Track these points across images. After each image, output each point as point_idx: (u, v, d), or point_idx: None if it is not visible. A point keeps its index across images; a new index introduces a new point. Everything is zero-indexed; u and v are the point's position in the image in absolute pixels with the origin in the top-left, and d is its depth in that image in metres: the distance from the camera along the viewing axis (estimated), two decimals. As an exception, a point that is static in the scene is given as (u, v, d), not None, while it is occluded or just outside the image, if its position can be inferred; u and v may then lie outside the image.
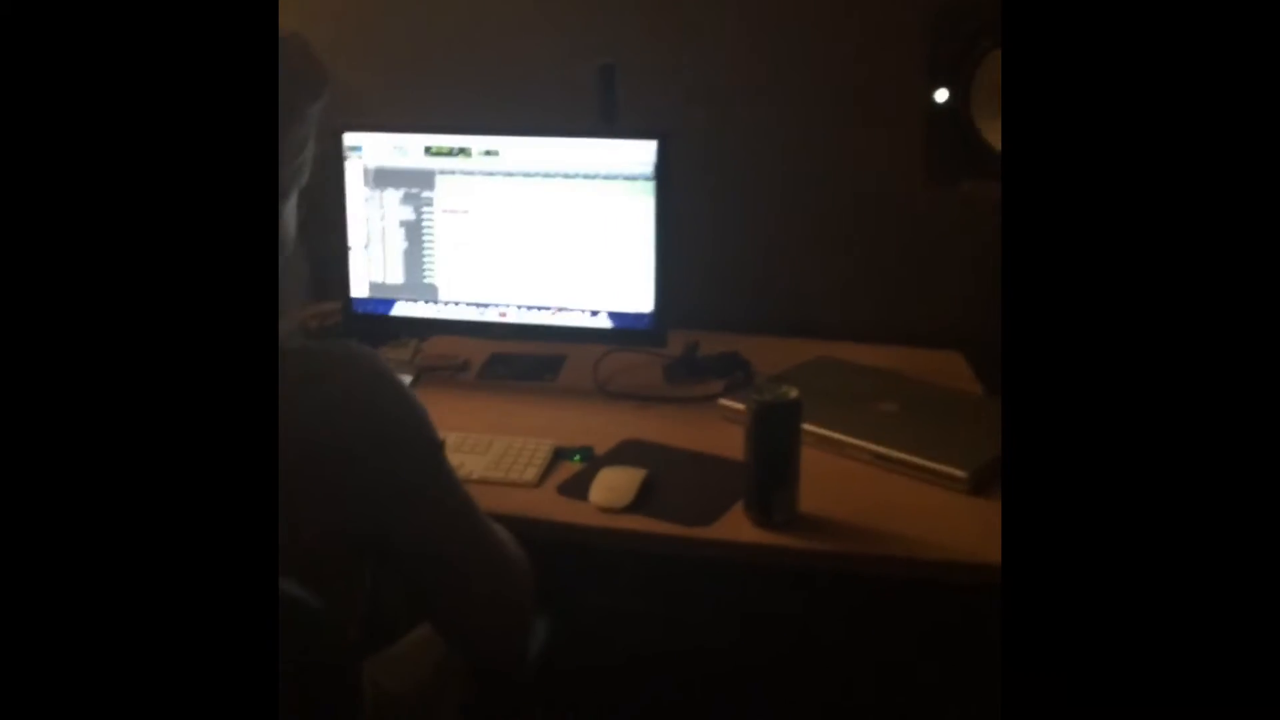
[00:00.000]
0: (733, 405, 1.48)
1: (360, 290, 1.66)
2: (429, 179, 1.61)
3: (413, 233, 1.63)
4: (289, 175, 0.94)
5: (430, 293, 1.65)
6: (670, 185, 1.55)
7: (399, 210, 1.63)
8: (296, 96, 0.92)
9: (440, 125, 1.61)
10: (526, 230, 1.61)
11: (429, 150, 1.60)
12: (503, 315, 1.65)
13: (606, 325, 1.62)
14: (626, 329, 1.61)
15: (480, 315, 1.65)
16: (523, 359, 1.71)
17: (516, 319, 1.64)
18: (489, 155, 1.59)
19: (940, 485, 1.30)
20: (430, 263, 1.64)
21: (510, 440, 1.41)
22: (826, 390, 1.48)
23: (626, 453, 1.40)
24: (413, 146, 1.61)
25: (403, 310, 1.66)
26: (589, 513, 1.27)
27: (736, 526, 1.24)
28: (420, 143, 1.60)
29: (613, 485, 1.29)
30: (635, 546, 1.26)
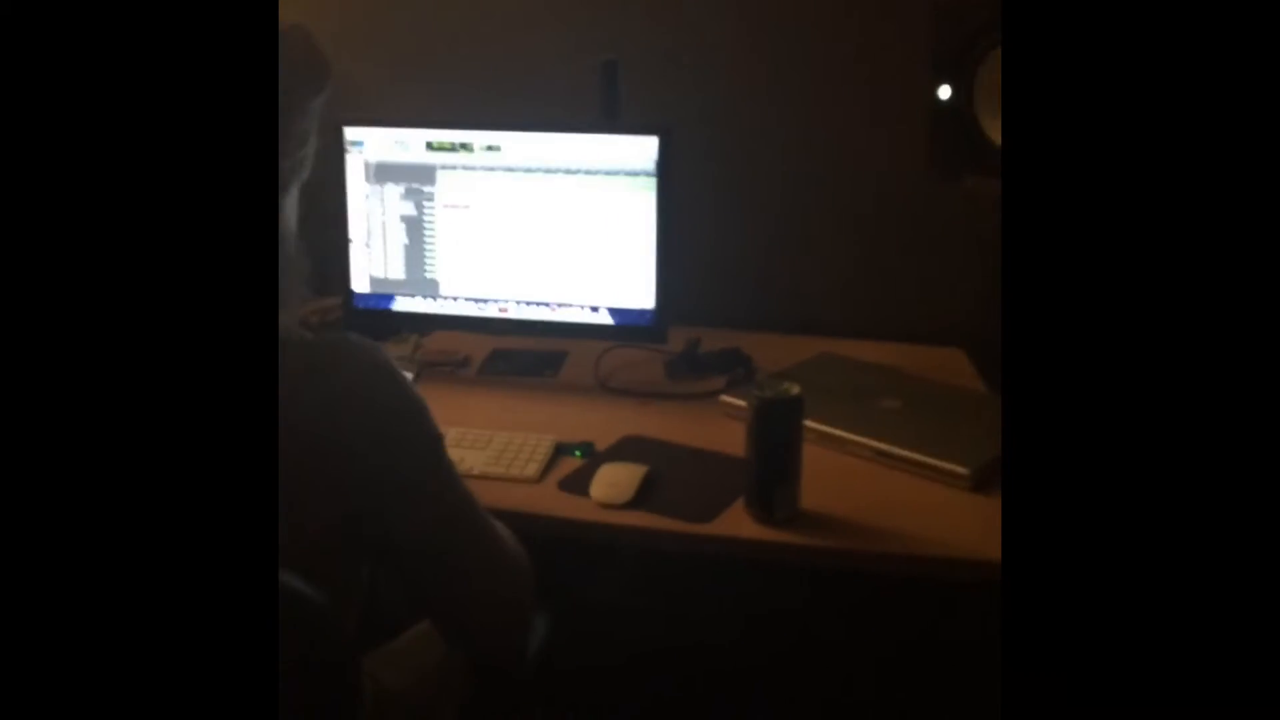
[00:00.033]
0: (734, 401, 1.48)
1: (361, 285, 1.66)
2: (430, 174, 1.61)
3: (414, 228, 1.63)
4: (290, 168, 0.94)
5: (431, 288, 1.65)
6: (672, 181, 1.55)
7: (400, 205, 1.62)
8: (299, 89, 0.92)
9: (442, 120, 1.61)
10: (528, 226, 1.60)
11: (430, 145, 1.60)
12: (504, 311, 1.64)
13: (608, 321, 1.61)
14: (628, 325, 1.61)
15: (481, 311, 1.65)
16: (524, 355, 1.71)
17: (517, 315, 1.64)
18: (491, 150, 1.59)
19: (942, 482, 1.30)
20: (431, 258, 1.64)
21: (511, 436, 1.40)
22: (828, 387, 1.48)
23: (627, 449, 1.40)
24: (414, 141, 1.60)
25: (403, 305, 1.66)
26: (589, 508, 1.27)
27: (737, 523, 1.23)
28: (422, 137, 1.60)
29: (613, 481, 1.29)
30: (636, 542, 1.26)
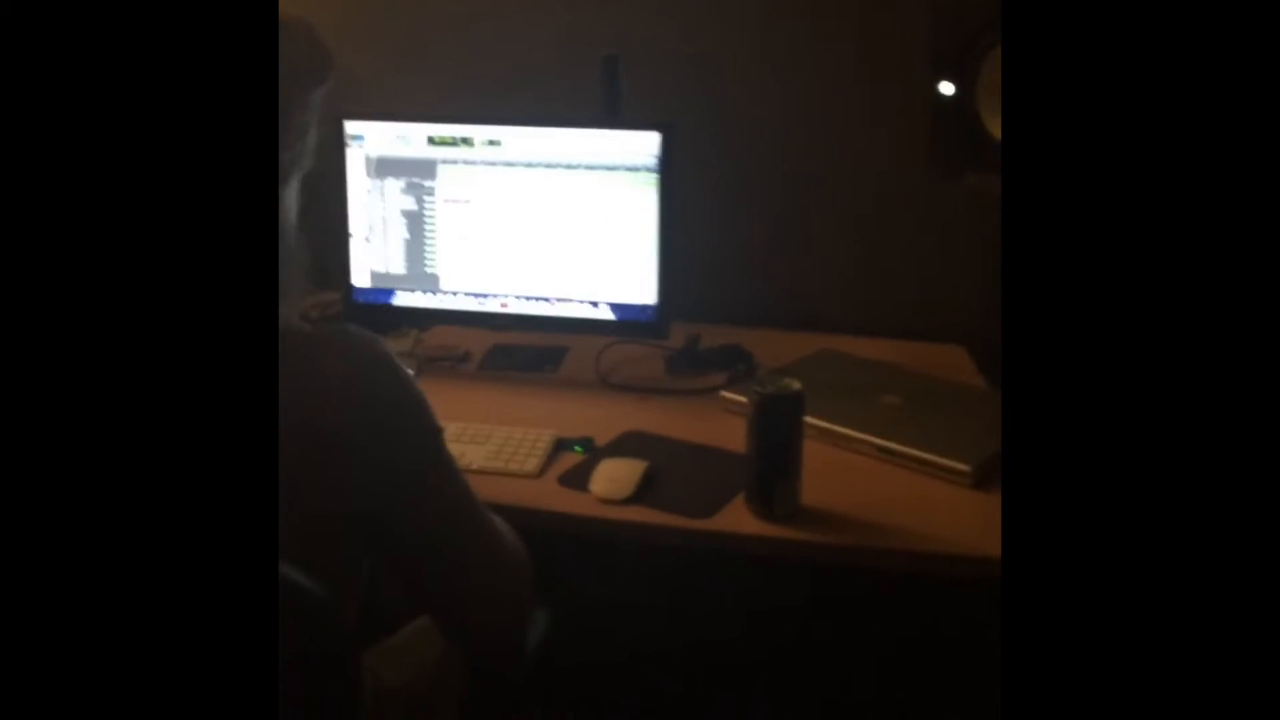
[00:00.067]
0: (735, 397, 1.48)
1: (361, 280, 1.66)
2: (431, 168, 1.61)
3: (414, 222, 1.63)
4: (291, 160, 0.94)
5: (432, 283, 1.65)
6: (673, 177, 1.55)
7: (401, 200, 1.62)
8: (300, 81, 0.92)
9: (443, 114, 1.61)
10: (529, 221, 1.60)
11: (431, 139, 1.60)
12: (504, 306, 1.64)
13: (608, 317, 1.61)
14: (628, 320, 1.61)
15: (481, 306, 1.65)
16: (524, 350, 1.71)
17: (518, 310, 1.64)
18: (492, 145, 1.59)
19: (944, 479, 1.30)
20: (432, 253, 1.63)
21: (511, 431, 1.40)
22: (829, 383, 1.48)
23: (628, 444, 1.40)
24: (415, 136, 1.60)
25: (404, 300, 1.66)
26: (590, 504, 1.27)
27: (738, 519, 1.23)
28: (423, 132, 1.60)
29: (614, 476, 1.29)
30: (636, 538, 1.25)
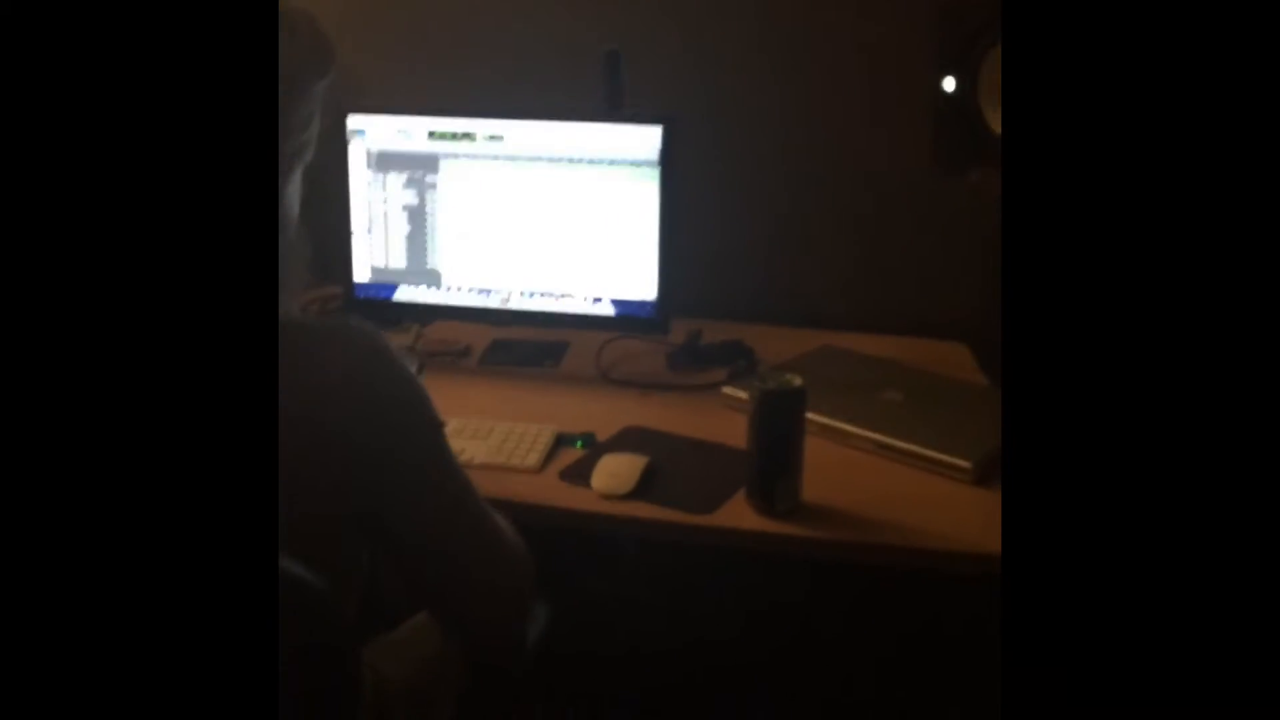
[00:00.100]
0: (736, 393, 1.47)
1: (362, 274, 1.66)
2: (433, 163, 1.60)
3: (415, 217, 1.62)
4: (293, 152, 0.93)
5: (433, 278, 1.64)
6: (675, 172, 1.55)
7: (402, 194, 1.62)
8: (303, 72, 0.91)
9: (445, 109, 1.60)
10: (530, 215, 1.60)
11: (433, 134, 1.59)
12: (505, 301, 1.64)
13: (609, 312, 1.61)
14: (629, 316, 1.61)
15: (483, 301, 1.64)
16: (525, 345, 1.70)
17: (519, 305, 1.64)
18: (493, 139, 1.58)
19: (945, 475, 1.30)
20: (433, 247, 1.63)
21: (512, 426, 1.40)
22: (830, 379, 1.47)
23: (629, 439, 1.40)
24: (416, 130, 1.60)
25: (405, 295, 1.66)
26: (590, 499, 1.27)
27: (739, 514, 1.23)
28: (424, 126, 1.60)
29: (615, 472, 1.29)
30: (637, 534, 1.25)
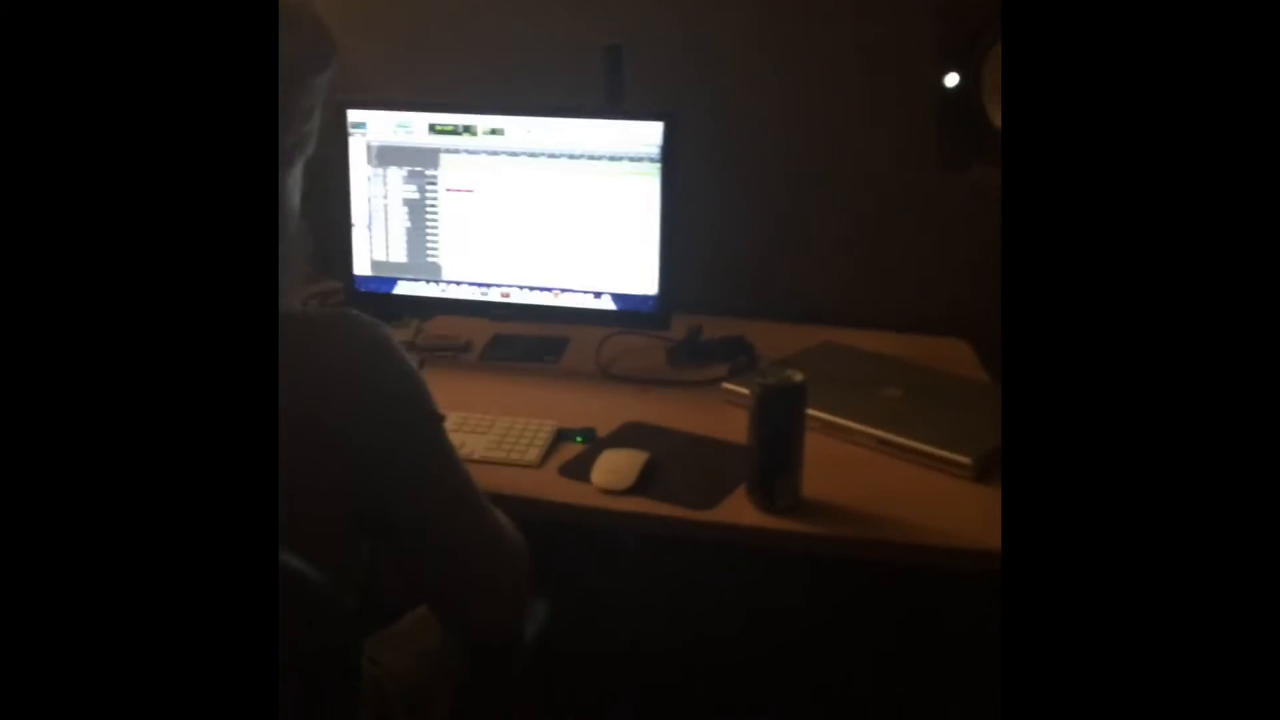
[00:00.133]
0: (736, 389, 1.47)
1: (363, 268, 1.66)
2: (433, 157, 1.60)
3: (416, 211, 1.62)
4: (294, 145, 0.93)
5: (433, 272, 1.64)
6: (676, 167, 1.54)
7: (402, 188, 1.62)
8: (304, 65, 0.91)
9: (445, 103, 1.60)
10: (531, 211, 1.60)
11: (433, 128, 1.59)
12: (506, 296, 1.64)
13: (610, 307, 1.61)
14: (630, 311, 1.61)
15: (483, 295, 1.64)
16: (525, 340, 1.70)
17: (519, 300, 1.63)
18: (494, 134, 1.58)
19: (945, 472, 1.30)
20: (433, 242, 1.63)
21: (512, 421, 1.40)
22: (831, 375, 1.47)
23: (629, 435, 1.40)
24: (417, 124, 1.60)
25: (405, 289, 1.65)
26: (590, 494, 1.27)
27: (739, 510, 1.23)
28: (425, 120, 1.59)
29: (614, 467, 1.29)
30: (637, 529, 1.25)
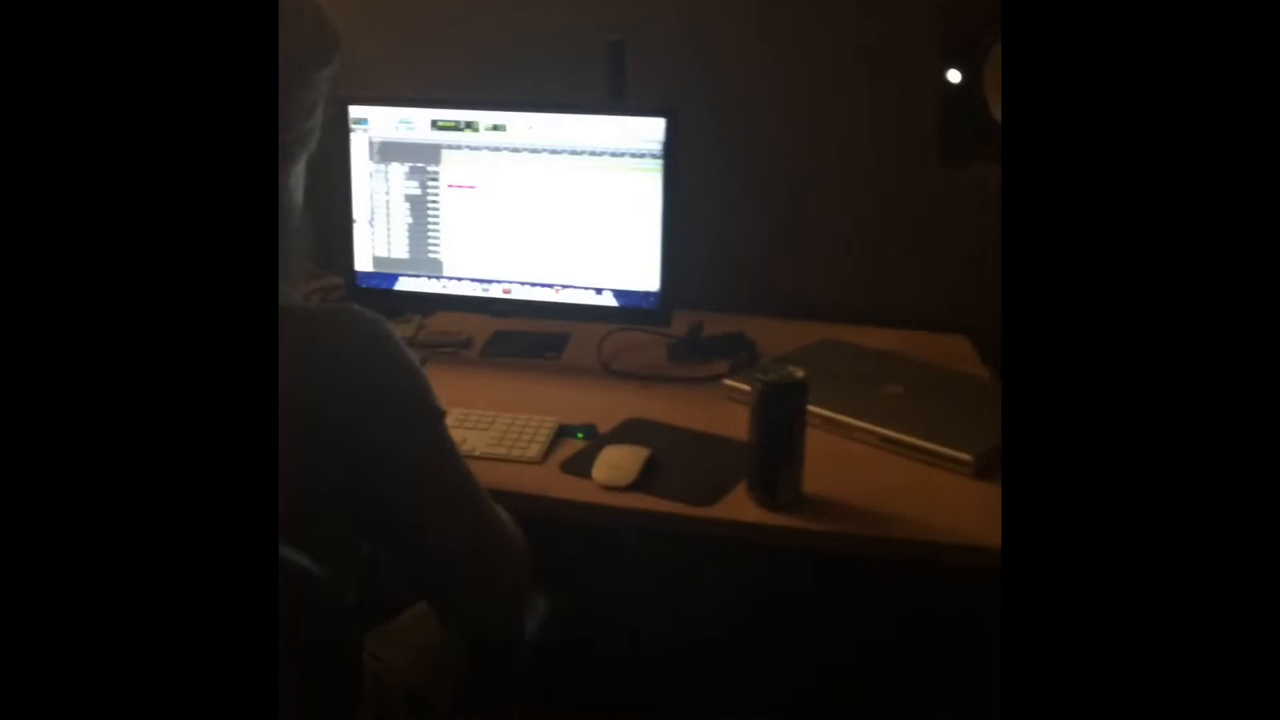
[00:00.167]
0: (737, 385, 1.47)
1: (364, 264, 1.66)
2: (435, 153, 1.60)
3: (418, 207, 1.62)
4: (297, 140, 0.93)
5: (434, 268, 1.64)
6: (678, 164, 1.54)
7: (404, 184, 1.62)
8: (307, 60, 0.91)
9: (447, 99, 1.60)
10: (532, 207, 1.60)
11: (435, 124, 1.59)
12: (507, 292, 1.64)
13: (611, 304, 1.61)
14: (631, 308, 1.60)
15: (484, 291, 1.64)
16: (526, 336, 1.70)
17: (521, 296, 1.63)
18: (496, 130, 1.58)
19: (946, 469, 1.30)
20: (435, 238, 1.63)
21: (513, 417, 1.40)
22: (832, 372, 1.47)
23: (630, 431, 1.40)
24: (419, 120, 1.59)
25: (406, 285, 1.65)
26: (591, 490, 1.27)
27: (740, 507, 1.23)
28: (427, 116, 1.59)
29: (616, 464, 1.29)
30: (637, 525, 1.25)
